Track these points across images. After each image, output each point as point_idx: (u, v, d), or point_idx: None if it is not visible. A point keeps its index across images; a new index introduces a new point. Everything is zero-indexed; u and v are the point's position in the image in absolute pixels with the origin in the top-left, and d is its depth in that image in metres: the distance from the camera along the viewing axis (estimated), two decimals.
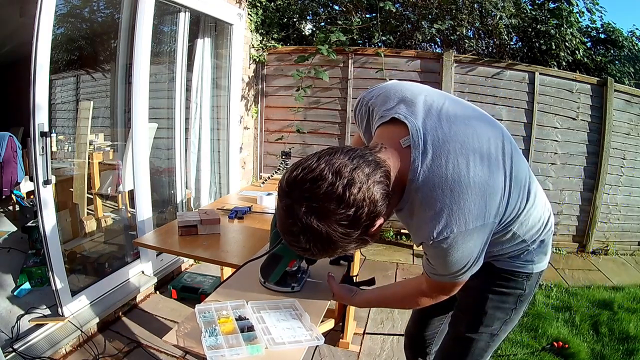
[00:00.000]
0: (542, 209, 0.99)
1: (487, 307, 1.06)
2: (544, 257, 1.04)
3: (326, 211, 0.71)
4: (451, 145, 0.80)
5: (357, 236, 0.74)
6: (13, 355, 1.78)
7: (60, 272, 1.99)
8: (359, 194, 0.70)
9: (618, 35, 4.61)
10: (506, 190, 0.83)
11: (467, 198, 0.77)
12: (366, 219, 0.73)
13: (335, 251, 0.78)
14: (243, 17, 3.36)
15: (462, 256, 0.81)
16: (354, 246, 0.78)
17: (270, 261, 1.11)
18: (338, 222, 0.71)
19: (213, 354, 0.81)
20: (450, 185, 0.77)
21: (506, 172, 0.83)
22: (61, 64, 3.21)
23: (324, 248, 0.76)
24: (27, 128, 1.81)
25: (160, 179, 3.06)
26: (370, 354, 2.09)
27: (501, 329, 1.09)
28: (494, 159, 0.83)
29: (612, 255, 3.88)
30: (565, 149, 3.73)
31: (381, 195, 0.73)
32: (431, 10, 3.97)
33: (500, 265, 1.03)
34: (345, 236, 0.73)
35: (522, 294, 1.05)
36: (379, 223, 0.77)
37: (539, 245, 1.01)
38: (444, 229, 0.77)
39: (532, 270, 1.02)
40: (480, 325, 1.08)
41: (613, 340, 2.28)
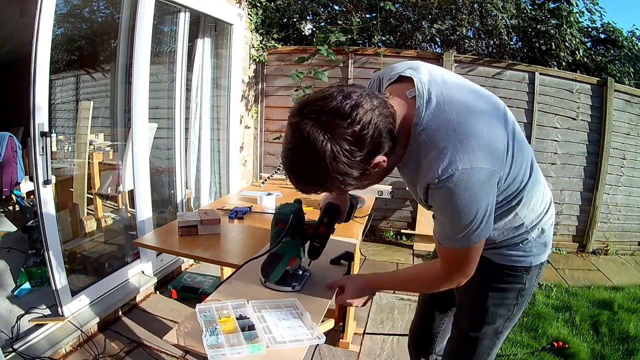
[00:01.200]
0: (544, 191, 1.00)
1: (489, 305, 1.06)
2: (544, 248, 1.03)
3: (333, 125, 0.71)
4: (454, 99, 0.83)
5: (359, 160, 0.73)
6: (13, 355, 1.78)
7: (60, 272, 1.99)
8: (365, 115, 0.72)
9: (618, 35, 4.62)
10: (509, 149, 0.84)
11: (470, 139, 0.78)
12: (370, 142, 0.73)
13: (332, 181, 0.76)
14: (243, 17, 3.37)
15: (470, 201, 0.78)
16: (353, 178, 0.76)
17: (271, 260, 1.11)
18: (343, 137, 0.71)
19: (214, 352, 0.81)
20: (454, 126, 0.79)
21: (509, 134, 0.86)
22: (61, 64, 3.21)
23: (323, 173, 0.74)
24: (27, 128, 1.81)
25: (160, 179, 3.06)
26: (370, 354, 2.09)
27: (505, 326, 1.08)
28: (497, 119, 0.86)
29: (612, 255, 3.88)
30: (565, 149, 3.73)
31: (385, 127, 0.75)
32: (431, 10, 3.97)
33: (499, 260, 1.02)
34: (349, 155, 0.72)
35: (522, 288, 1.04)
36: (380, 159, 0.77)
37: (538, 234, 1.00)
38: (449, 166, 0.76)
39: (530, 264, 1.01)
40: (483, 324, 1.08)
41: (613, 340, 2.28)
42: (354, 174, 0.76)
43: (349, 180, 0.77)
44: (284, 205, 1.13)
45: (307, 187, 0.82)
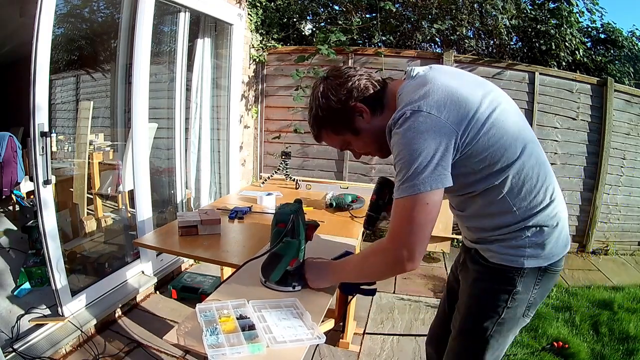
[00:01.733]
0: (547, 185, 0.97)
1: (478, 305, 1.05)
2: (541, 251, 0.97)
3: (331, 79, 1.00)
4: (439, 69, 0.97)
5: (342, 98, 0.97)
6: (13, 355, 1.78)
7: (60, 272, 1.99)
8: (352, 75, 0.99)
9: (618, 35, 4.62)
10: (481, 116, 0.88)
11: (432, 89, 0.89)
12: (351, 88, 0.97)
13: (326, 119, 1.01)
14: (243, 17, 3.37)
15: (413, 140, 0.84)
16: (341, 118, 0.99)
17: (271, 260, 1.11)
18: (333, 83, 0.99)
19: (214, 352, 0.81)
20: (424, 81, 0.92)
21: (484, 103, 0.90)
22: (61, 64, 3.21)
23: (318, 110, 1.00)
24: (27, 128, 1.81)
25: (160, 179, 3.06)
26: (370, 354, 2.09)
27: (495, 330, 1.03)
28: (476, 87, 0.94)
29: (612, 255, 3.88)
30: (565, 149, 3.73)
31: (366, 86, 0.98)
32: (431, 10, 3.97)
33: (491, 258, 1.00)
34: (334, 92, 0.98)
35: (513, 291, 0.99)
36: (361, 106, 0.97)
37: (535, 232, 0.96)
38: (403, 109, 0.88)
39: (523, 265, 0.96)
40: (471, 324, 1.06)
41: (613, 340, 2.28)
42: (340, 112, 0.98)
43: (339, 119, 0.99)
44: (284, 205, 1.13)
45: (313, 127, 1.05)
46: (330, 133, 1.03)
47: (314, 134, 1.06)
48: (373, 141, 1.02)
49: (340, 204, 2.09)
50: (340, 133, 1.02)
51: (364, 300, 2.52)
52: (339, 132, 1.02)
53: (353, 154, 1.11)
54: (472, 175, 0.93)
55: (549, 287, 1.05)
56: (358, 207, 2.08)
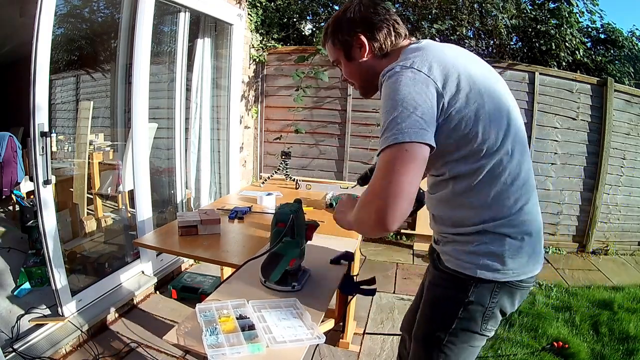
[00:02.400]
0: (519, 195, 0.92)
1: (432, 309, 1.03)
2: (498, 264, 0.91)
3: (364, 6, 1.01)
4: (446, 45, 0.99)
5: (356, 22, 0.99)
6: (13, 355, 1.78)
7: (60, 272, 1.99)
8: (379, 15, 1.00)
9: (618, 35, 4.62)
10: (468, 91, 0.86)
11: (425, 53, 0.90)
12: (365, 22, 0.99)
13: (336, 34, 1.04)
14: (243, 17, 3.37)
15: (396, 90, 0.82)
16: (343, 31, 1.02)
17: (271, 260, 1.11)
18: (361, 7, 1.00)
19: (214, 352, 0.81)
20: (420, 47, 0.95)
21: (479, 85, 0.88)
22: (61, 64, 3.22)
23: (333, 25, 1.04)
24: (27, 128, 1.81)
25: (160, 179, 3.06)
26: (370, 354, 2.09)
27: (448, 340, 0.98)
28: (478, 66, 0.95)
29: (612, 255, 3.88)
30: (565, 149, 3.73)
31: (381, 28, 0.99)
32: (431, 10, 3.97)
33: (447, 262, 0.97)
34: (345, 12, 1.01)
35: (466, 301, 0.93)
36: (362, 41, 0.99)
37: (493, 240, 0.91)
38: (393, 65, 0.89)
39: (475, 274, 0.91)
40: (425, 330, 1.04)
41: (613, 340, 2.28)
42: (346, 32, 1.01)
43: (342, 37, 1.02)
44: (284, 205, 1.13)
45: (326, 30, 1.07)
46: (330, 43, 1.06)
47: (323, 38, 1.10)
48: (359, 75, 1.05)
49: None
50: (337, 48, 1.05)
51: (364, 300, 2.52)
52: (337, 47, 1.05)
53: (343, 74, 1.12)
54: (449, 153, 0.89)
55: (515, 302, 0.98)
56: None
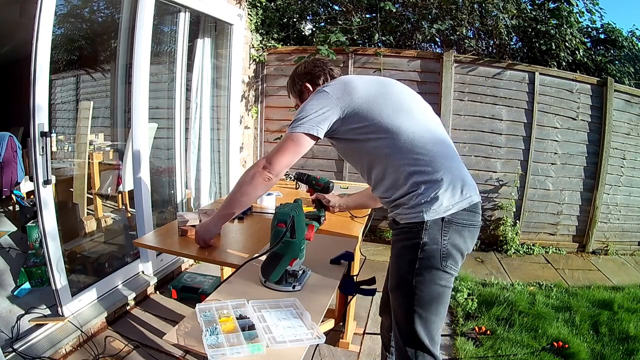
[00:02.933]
0: (422, 149, 1.16)
1: (398, 261, 1.20)
2: (436, 205, 1.13)
3: (307, 65, 1.52)
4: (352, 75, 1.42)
5: (302, 77, 1.50)
6: (13, 355, 1.78)
7: (60, 272, 1.99)
8: (318, 68, 1.49)
9: (618, 35, 4.62)
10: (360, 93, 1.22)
11: (332, 82, 1.31)
12: (307, 74, 1.49)
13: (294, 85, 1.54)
14: (243, 17, 3.37)
15: (309, 102, 1.22)
16: (296, 84, 1.53)
17: (271, 260, 1.11)
18: (306, 67, 1.51)
19: (214, 352, 0.81)
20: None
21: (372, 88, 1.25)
22: (61, 64, 3.21)
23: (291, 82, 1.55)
24: (27, 128, 1.81)
25: (160, 179, 3.06)
26: (370, 354, 2.09)
27: (417, 280, 1.15)
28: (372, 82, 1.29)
29: (612, 255, 3.88)
30: (565, 149, 3.74)
31: (318, 75, 1.47)
32: (431, 10, 3.97)
33: (401, 220, 1.19)
34: (301, 76, 1.51)
35: (421, 242, 1.13)
36: (307, 86, 1.47)
37: (425, 189, 1.13)
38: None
39: (423, 219, 1.13)
40: (395, 280, 1.21)
41: (613, 340, 2.28)
42: (296, 81, 1.51)
43: (294, 84, 1.53)
44: (284, 205, 1.13)
45: (289, 86, 1.57)
46: (292, 93, 1.54)
47: (289, 93, 1.57)
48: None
49: None
50: (296, 95, 1.52)
51: (364, 300, 2.52)
52: (295, 93, 1.52)
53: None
54: (356, 142, 1.22)
55: (466, 239, 1.18)
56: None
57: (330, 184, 1.35)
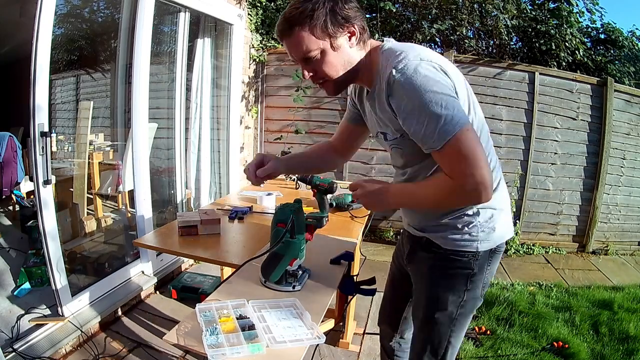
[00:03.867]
0: (495, 171, 1.01)
1: (438, 292, 1.07)
2: (492, 234, 1.02)
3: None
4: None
5: (349, 13, 0.93)
6: (13, 355, 1.78)
7: (60, 272, 1.99)
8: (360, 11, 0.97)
9: (618, 35, 4.62)
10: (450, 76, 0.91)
11: (421, 49, 0.92)
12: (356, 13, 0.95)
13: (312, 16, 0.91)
14: (243, 17, 3.37)
15: (431, 82, 0.84)
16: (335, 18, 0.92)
17: (271, 260, 1.11)
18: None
19: (214, 352, 0.81)
20: (409, 45, 0.95)
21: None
22: (61, 64, 3.21)
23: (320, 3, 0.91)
24: (27, 128, 1.81)
25: (160, 179, 3.06)
26: (370, 354, 2.09)
27: (459, 313, 1.08)
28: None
29: (612, 255, 3.88)
30: (565, 149, 3.73)
31: (365, 26, 0.97)
32: (431, 10, 3.97)
33: (445, 245, 1.03)
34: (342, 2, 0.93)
35: (470, 273, 1.04)
36: (356, 30, 0.95)
37: (486, 218, 1.01)
38: (403, 59, 0.88)
39: (477, 249, 1.01)
40: (436, 310, 1.08)
41: (613, 340, 2.28)
42: (338, 18, 0.92)
43: (332, 23, 0.92)
44: (284, 205, 1.13)
45: (297, 18, 0.91)
46: (312, 34, 0.91)
47: (288, 25, 0.93)
48: (342, 67, 0.97)
49: (340, 204, 2.09)
50: (322, 38, 0.92)
51: (364, 300, 2.52)
52: (322, 36, 0.92)
53: (306, 74, 0.99)
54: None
55: (496, 266, 1.11)
56: (358, 207, 2.08)
57: (334, 184, 1.33)
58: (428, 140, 0.87)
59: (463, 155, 0.84)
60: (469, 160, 0.84)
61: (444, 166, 0.89)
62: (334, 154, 1.32)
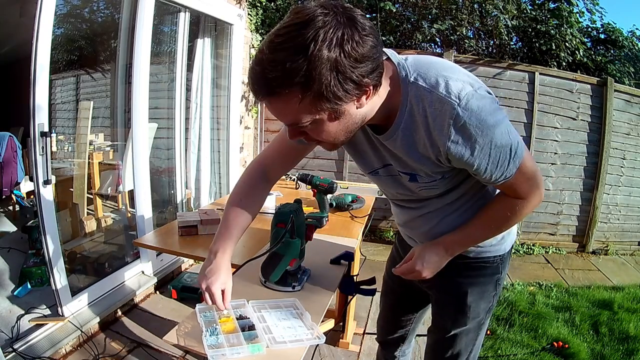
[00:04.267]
0: None
1: (470, 301, 1.04)
2: (513, 233, 1.05)
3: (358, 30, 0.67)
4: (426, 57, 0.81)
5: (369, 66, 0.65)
6: (13, 355, 1.78)
7: (60, 272, 1.99)
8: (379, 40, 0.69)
9: (618, 35, 4.62)
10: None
11: (456, 70, 0.76)
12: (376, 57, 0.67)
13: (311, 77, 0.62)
14: (243, 17, 3.36)
15: (494, 113, 0.73)
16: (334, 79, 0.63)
17: (271, 260, 1.11)
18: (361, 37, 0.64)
19: (214, 353, 0.81)
20: (436, 62, 0.77)
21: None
22: (61, 64, 3.21)
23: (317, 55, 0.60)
24: (27, 128, 1.81)
25: (160, 179, 3.06)
26: (370, 354, 2.09)
27: (486, 317, 1.10)
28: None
29: (612, 255, 3.88)
30: (565, 149, 3.73)
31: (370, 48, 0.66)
32: (431, 10, 3.97)
33: (471, 253, 1.01)
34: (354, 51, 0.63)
35: (499, 277, 1.05)
36: (371, 88, 0.69)
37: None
38: (460, 88, 0.72)
39: (505, 251, 1.03)
40: (467, 320, 1.07)
41: (613, 340, 2.28)
42: (347, 80, 0.64)
43: (337, 84, 0.63)
44: (284, 205, 1.13)
45: (277, 80, 0.63)
46: (304, 102, 0.65)
47: (266, 90, 0.66)
48: (348, 130, 0.75)
49: (340, 204, 2.09)
50: (318, 109, 0.67)
51: (364, 300, 2.52)
52: (319, 106, 0.66)
53: (291, 136, 0.78)
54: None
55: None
56: (358, 207, 2.08)
57: (334, 184, 1.33)
58: (500, 175, 0.80)
59: (531, 173, 0.83)
60: (536, 175, 0.85)
61: (510, 190, 0.85)
62: (266, 185, 1.12)
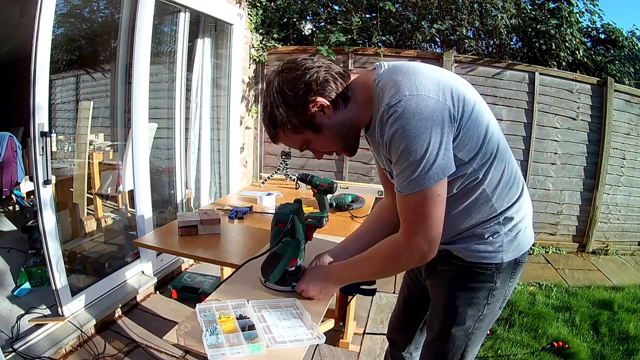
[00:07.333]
0: (517, 179, 0.99)
1: (458, 305, 1.02)
2: (516, 244, 0.99)
3: (286, 72, 0.91)
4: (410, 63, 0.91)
5: (300, 93, 0.88)
6: (13, 355, 1.78)
7: (60, 272, 1.99)
8: (310, 67, 0.90)
9: (618, 35, 4.62)
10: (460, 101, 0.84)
11: (418, 75, 0.83)
12: (309, 81, 0.88)
13: (281, 115, 0.90)
14: (243, 17, 3.37)
15: (420, 128, 0.77)
16: (296, 113, 0.90)
17: (271, 260, 1.11)
18: (289, 76, 0.90)
19: (214, 352, 0.81)
20: (403, 69, 0.86)
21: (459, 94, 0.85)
22: (61, 64, 3.21)
23: (272, 105, 0.91)
24: (27, 128, 1.81)
25: (160, 179, 3.06)
26: (370, 354, 2.09)
27: (476, 327, 1.04)
28: (451, 77, 0.91)
29: (612, 255, 3.88)
30: (565, 149, 3.73)
31: (326, 78, 0.89)
32: (431, 10, 3.97)
33: (468, 257, 0.98)
34: (290, 86, 0.89)
35: (492, 287, 0.99)
36: (322, 100, 0.89)
37: (510, 228, 0.97)
38: (396, 94, 0.81)
39: (502, 260, 0.97)
40: (452, 325, 1.04)
41: (613, 340, 2.28)
42: (298, 107, 0.89)
43: (297, 116, 0.90)
44: (284, 205, 1.13)
45: (269, 127, 0.95)
46: (289, 132, 0.93)
47: (270, 133, 0.96)
48: (337, 138, 0.95)
49: (340, 204, 2.09)
50: (300, 132, 0.93)
51: (364, 300, 2.52)
52: (299, 130, 0.92)
53: (314, 154, 1.00)
54: (461, 167, 0.88)
55: (518, 278, 1.07)
56: (358, 207, 2.08)
57: (334, 184, 1.32)
58: (401, 186, 0.85)
59: (422, 215, 0.85)
60: (426, 218, 0.85)
61: (401, 212, 0.89)
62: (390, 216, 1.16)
